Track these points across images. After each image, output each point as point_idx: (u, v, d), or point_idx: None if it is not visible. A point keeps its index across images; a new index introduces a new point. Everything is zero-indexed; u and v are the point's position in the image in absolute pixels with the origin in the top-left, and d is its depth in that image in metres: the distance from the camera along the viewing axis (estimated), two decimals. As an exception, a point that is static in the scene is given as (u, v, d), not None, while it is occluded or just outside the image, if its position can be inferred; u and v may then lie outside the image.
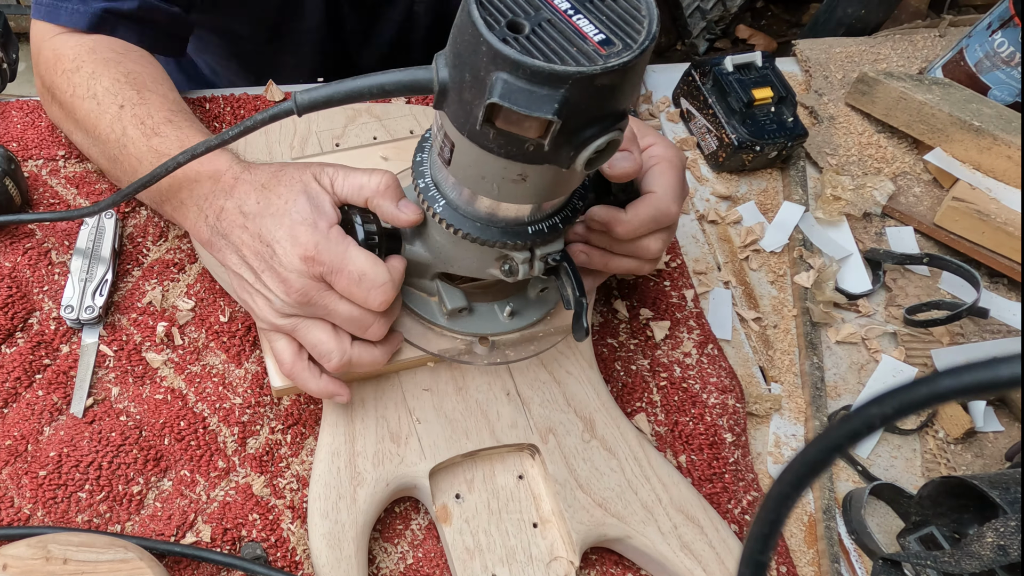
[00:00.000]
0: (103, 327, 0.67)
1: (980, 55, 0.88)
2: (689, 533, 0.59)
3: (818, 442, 0.22)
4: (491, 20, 0.41)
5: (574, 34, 0.41)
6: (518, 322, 0.62)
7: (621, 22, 0.42)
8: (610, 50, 0.41)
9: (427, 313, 0.61)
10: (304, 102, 0.48)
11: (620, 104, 0.43)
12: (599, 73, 0.40)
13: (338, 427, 0.60)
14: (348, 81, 0.47)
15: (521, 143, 0.43)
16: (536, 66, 0.40)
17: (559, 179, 0.48)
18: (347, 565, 0.55)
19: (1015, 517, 0.54)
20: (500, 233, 0.52)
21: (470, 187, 0.50)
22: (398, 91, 0.47)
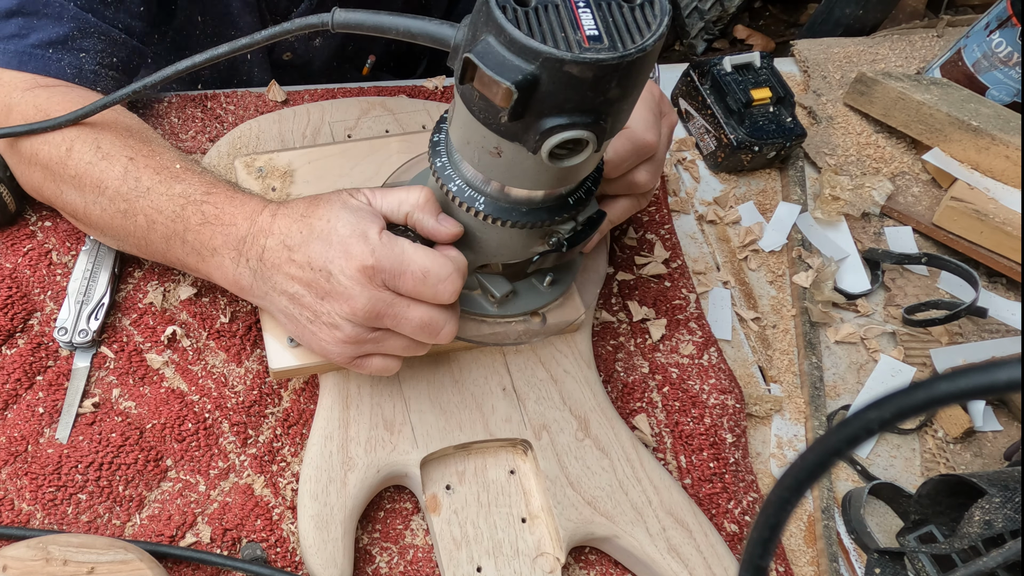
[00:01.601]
0: (97, 348, 0.67)
1: (978, 55, 0.88)
2: (677, 536, 0.60)
3: (817, 447, 0.22)
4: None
5: (570, 22, 0.42)
6: (559, 288, 0.63)
7: (623, 27, 0.43)
8: (594, 46, 0.42)
9: (475, 307, 0.62)
10: (340, 20, 0.50)
11: (593, 103, 0.44)
12: (568, 60, 0.41)
13: (333, 412, 0.61)
14: (383, 15, 0.49)
15: (496, 111, 0.44)
16: (514, 34, 0.41)
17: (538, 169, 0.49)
18: (333, 548, 0.56)
19: (998, 495, 0.56)
20: (546, 212, 0.53)
21: (458, 151, 0.52)
22: (421, 38, 0.48)
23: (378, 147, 0.72)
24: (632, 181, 0.62)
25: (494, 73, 0.42)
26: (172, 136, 0.78)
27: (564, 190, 0.53)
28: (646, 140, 0.60)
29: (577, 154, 0.46)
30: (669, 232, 0.79)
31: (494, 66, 0.42)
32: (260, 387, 0.65)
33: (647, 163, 0.62)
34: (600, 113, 0.44)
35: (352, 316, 0.52)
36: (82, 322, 0.65)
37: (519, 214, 0.53)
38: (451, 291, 0.52)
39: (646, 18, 0.43)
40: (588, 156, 0.47)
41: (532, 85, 0.42)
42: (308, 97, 0.82)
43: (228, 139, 0.73)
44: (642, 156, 0.61)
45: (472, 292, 0.62)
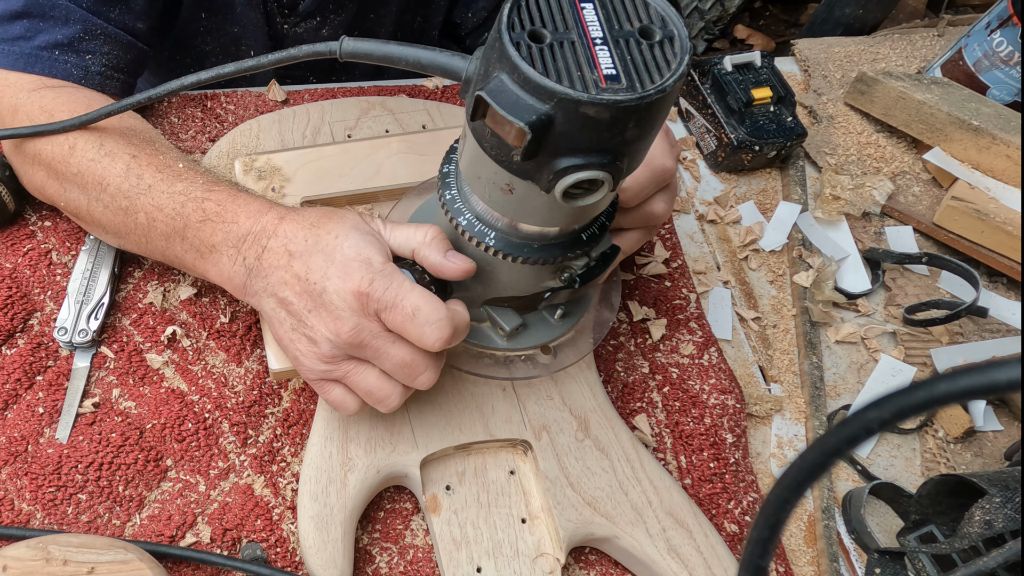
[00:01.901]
0: (97, 348, 0.67)
1: (979, 54, 0.88)
2: (677, 537, 0.60)
3: (816, 446, 0.22)
4: (517, 23, 0.42)
5: (587, 61, 0.41)
6: (570, 321, 0.63)
7: (642, 67, 0.42)
8: (612, 86, 0.40)
9: (484, 341, 0.61)
10: (348, 50, 0.49)
11: (610, 144, 0.42)
12: (584, 101, 0.39)
13: (333, 413, 0.61)
14: (393, 44, 0.49)
15: (508, 149, 0.43)
16: (528, 73, 0.40)
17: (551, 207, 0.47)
18: (333, 548, 0.56)
19: (998, 495, 0.56)
20: (559, 249, 0.52)
21: (468, 185, 0.50)
22: (432, 70, 0.47)
23: (378, 147, 0.72)
24: (649, 212, 0.61)
25: (507, 113, 0.40)
26: (172, 136, 0.78)
27: (578, 226, 0.52)
28: (665, 167, 0.58)
29: (592, 193, 0.45)
30: (669, 232, 0.79)
31: (507, 105, 0.41)
32: (260, 387, 0.65)
33: (664, 192, 0.61)
34: (617, 153, 0.43)
35: (334, 337, 0.52)
36: (82, 322, 0.65)
37: (530, 250, 0.52)
38: (436, 336, 0.50)
39: (665, 56, 0.42)
40: (604, 195, 0.45)
41: (546, 125, 0.41)
42: (308, 97, 0.82)
43: (228, 139, 0.73)
44: (660, 184, 0.59)
45: (481, 325, 0.61)
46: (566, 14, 0.43)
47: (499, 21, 0.42)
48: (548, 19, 0.42)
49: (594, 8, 0.43)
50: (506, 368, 0.61)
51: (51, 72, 0.66)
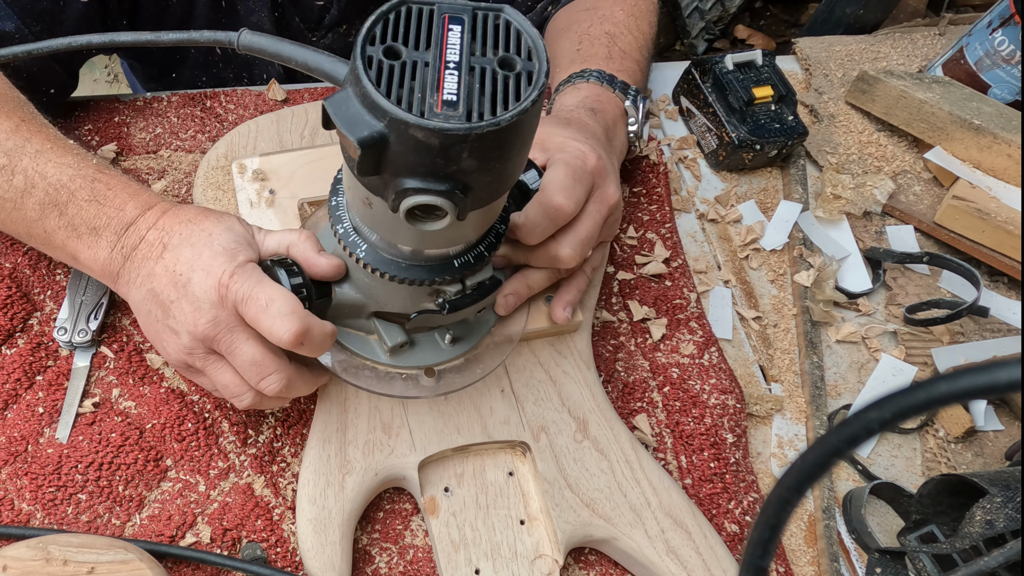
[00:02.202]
0: (97, 348, 0.67)
1: (980, 53, 0.88)
2: (677, 538, 0.59)
3: (817, 447, 0.22)
4: (378, 36, 0.41)
5: (432, 84, 0.40)
6: (460, 347, 0.61)
7: (487, 97, 0.41)
8: (446, 112, 0.39)
9: (368, 352, 0.60)
10: (245, 43, 0.49)
11: (445, 171, 0.41)
12: (412, 124, 0.39)
13: (331, 415, 0.61)
14: (287, 44, 0.48)
15: (352, 162, 0.42)
16: (367, 89, 0.39)
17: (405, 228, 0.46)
18: (331, 551, 0.56)
19: (999, 494, 0.56)
20: (426, 271, 0.51)
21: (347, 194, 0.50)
22: (316, 72, 0.47)
23: None
24: (553, 255, 0.60)
25: (342, 126, 0.40)
26: (172, 135, 0.78)
27: (452, 251, 0.51)
28: (555, 203, 0.58)
29: (438, 220, 0.44)
30: (670, 231, 0.79)
31: (345, 118, 0.40)
32: (260, 387, 0.65)
33: (567, 236, 0.60)
34: (456, 182, 0.42)
35: (192, 328, 0.52)
36: (82, 322, 0.65)
37: (398, 268, 0.51)
38: (286, 328, 0.50)
39: (518, 90, 0.41)
40: (450, 223, 0.44)
41: (379, 144, 0.40)
42: (308, 96, 0.82)
43: (226, 140, 0.73)
44: (556, 223, 0.59)
45: (369, 336, 0.60)
46: (433, 34, 0.42)
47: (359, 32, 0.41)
48: (412, 37, 0.42)
49: (460, 32, 0.42)
50: (384, 384, 0.60)
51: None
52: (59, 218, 0.57)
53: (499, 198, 0.47)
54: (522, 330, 0.64)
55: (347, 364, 0.60)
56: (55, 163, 0.58)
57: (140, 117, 0.78)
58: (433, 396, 0.61)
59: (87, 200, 0.56)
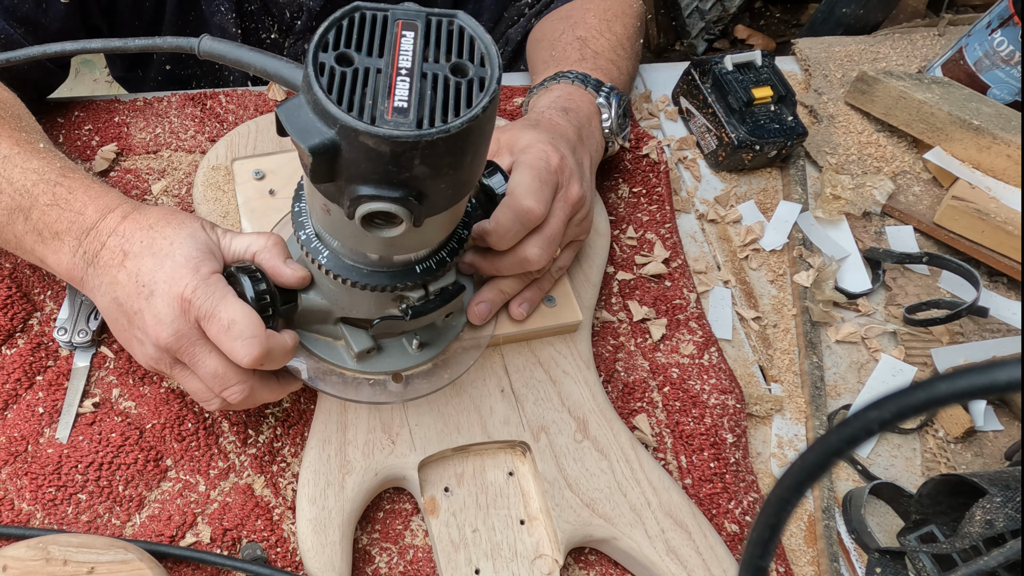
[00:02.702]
0: (97, 348, 0.67)
1: (980, 54, 0.88)
2: (676, 538, 0.59)
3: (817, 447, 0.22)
4: (331, 42, 0.41)
5: (384, 91, 0.40)
6: (428, 352, 0.61)
7: (439, 104, 0.40)
8: (396, 119, 0.39)
9: (335, 358, 0.60)
10: (205, 49, 0.48)
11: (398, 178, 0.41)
12: (362, 131, 0.39)
13: (331, 415, 0.61)
14: (246, 49, 0.48)
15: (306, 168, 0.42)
16: (319, 96, 0.39)
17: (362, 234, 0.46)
18: (331, 551, 0.56)
19: (999, 494, 0.56)
20: (388, 277, 0.51)
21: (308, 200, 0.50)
22: (275, 78, 0.47)
23: None
24: (522, 257, 0.60)
25: (294, 134, 0.40)
26: (172, 135, 0.78)
27: (412, 257, 0.51)
28: (525, 206, 0.58)
29: (394, 227, 0.44)
30: (669, 231, 0.79)
31: (297, 126, 0.40)
32: (260, 387, 0.65)
33: (535, 236, 0.60)
34: (409, 188, 0.42)
35: (156, 340, 0.52)
36: (82, 322, 0.65)
37: (359, 274, 0.51)
38: (246, 352, 0.50)
39: (470, 97, 0.41)
40: (406, 230, 0.44)
41: (331, 151, 0.40)
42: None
43: (226, 140, 0.73)
44: (527, 226, 0.59)
45: (337, 342, 0.60)
46: (386, 41, 0.42)
47: (311, 39, 0.41)
48: (365, 43, 0.42)
49: (413, 38, 0.42)
50: (352, 389, 0.60)
51: None
52: (24, 223, 0.57)
53: (456, 204, 0.47)
54: (491, 335, 0.64)
55: (315, 370, 0.60)
56: (20, 168, 0.58)
57: (140, 117, 0.78)
58: (400, 401, 0.61)
59: (48, 204, 0.56)
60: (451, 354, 0.63)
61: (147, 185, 0.74)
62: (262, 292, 0.53)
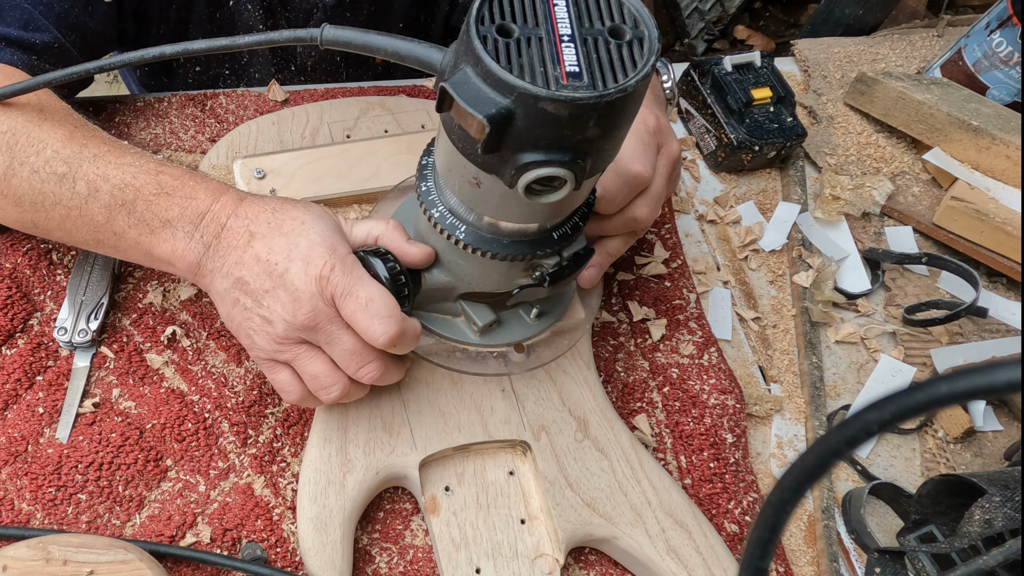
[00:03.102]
0: (97, 348, 0.67)
1: (979, 55, 0.88)
2: (677, 537, 0.60)
3: (816, 448, 0.22)
4: (487, 16, 0.42)
5: (551, 57, 0.41)
6: (546, 320, 0.63)
7: (607, 66, 0.42)
8: (573, 83, 0.40)
9: (457, 334, 0.61)
10: (329, 37, 0.49)
11: (571, 141, 0.42)
12: (543, 96, 0.39)
13: (331, 414, 0.61)
14: (373, 34, 0.48)
15: (472, 142, 0.43)
16: (491, 67, 0.40)
17: (517, 203, 0.47)
18: (332, 550, 0.56)
19: (998, 494, 0.57)
20: (528, 246, 0.52)
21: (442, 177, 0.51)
22: (409, 60, 0.47)
23: (377, 147, 0.72)
24: (630, 217, 0.61)
25: (468, 105, 0.41)
26: (172, 135, 0.78)
27: (549, 224, 0.52)
28: (634, 171, 0.59)
29: (556, 191, 0.45)
30: (669, 232, 0.79)
31: (469, 97, 0.41)
32: (260, 387, 0.65)
33: (643, 197, 0.61)
34: (578, 152, 0.43)
35: (291, 317, 0.52)
36: (82, 322, 0.65)
37: (500, 245, 0.52)
38: (383, 331, 0.50)
39: (633, 56, 0.42)
40: (567, 194, 0.45)
41: (506, 119, 0.41)
42: (308, 97, 0.82)
43: (227, 140, 0.73)
44: (635, 189, 0.60)
45: (456, 319, 0.61)
46: (538, 10, 0.43)
47: (469, 14, 0.42)
48: (519, 14, 0.43)
49: (566, 5, 0.43)
50: (478, 364, 0.61)
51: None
52: (128, 216, 0.56)
53: (609, 164, 0.48)
54: (600, 299, 0.66)
55: (437, 348, 0.61)
56: (115, 164, 0.57)
57: (140, 117, 0.78)
58: (524, 371, 0.62)
59: (155, 194, 0.56)
60: (566, 320, 0.64)
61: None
62: (396, 273, 0.54)
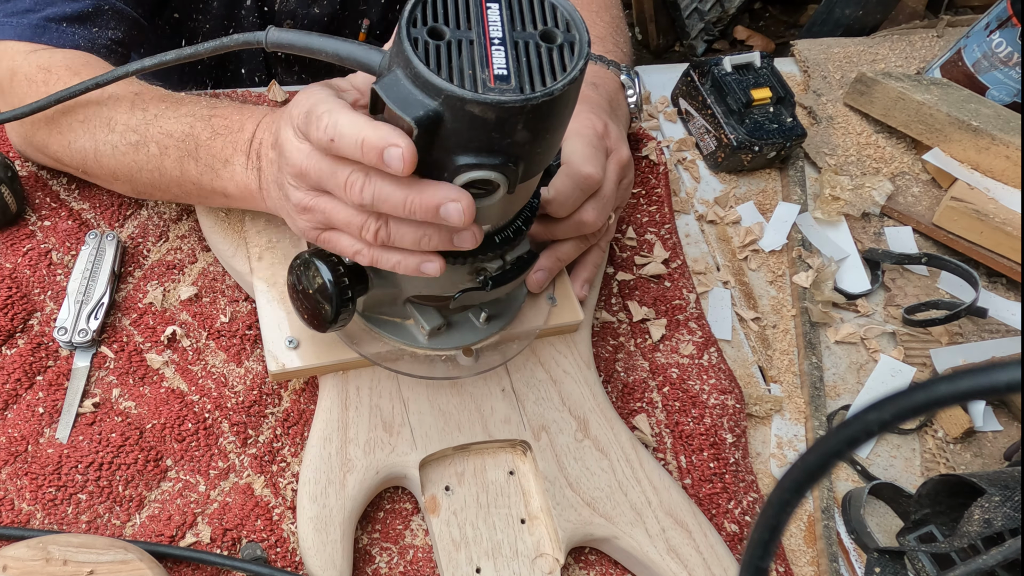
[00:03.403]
0: (97, 348, 0.67)
1: (978, 55, 0.88)
2: (677, 537, 0.60)
3: (817, 448, 0.22)
4: (420, 18, 0.42)
5: (481, 60, 0.41)
6: (496, 325, 0.62)
7: (536, 69, 0.42)
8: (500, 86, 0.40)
9: (405, 338, 0.61)
10: (273, 40, 0.49)
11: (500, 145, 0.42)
12: (469, 99, 0.40)
13: (332, 414, 0.61)
14: (315, 36, 0.48)
15: None
16: (419, 69, 0.40)
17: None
18: (332, 549, 0.56)
19: (998, 493, 0.57)
20: (470, 251, 0.51)
21: None
22: (349, 62, 0.47)
23: None
24: (579, 221, 0.61)
25: (396, 107, 0.41)
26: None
27: (491, 228, 0.52)
28: (585, 173, 0.59)
29: (489, 195, 0.45)
30: (669, 232, 0.80)
31: (397, 100, 0.41)
32: (260, 387, 0.65)
33: (592, 200, 0.61)
34: (509, 155, 0.43)
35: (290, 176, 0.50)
36: (82, 322, 0.65)
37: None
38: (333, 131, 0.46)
39: (563, 60, 0.42)
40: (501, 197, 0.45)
41: (434, 122, 0.41)
42: (308, 97, 0.82)
43: (228, 139, 0.73)
44: (586, 192, 0.60)
45: (405, 322, 0.61)
46: (471, 13, 0.43)
47: (401, 16, 0.42)
48: (452, 17, 0.43)
49: (499, 9, 0.44)
50: (426, 367, 0.61)
51: (58, 42, 0.66)
52: (196, 164, 0.59)
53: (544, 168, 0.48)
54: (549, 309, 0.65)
55: (386, 351, 0.61)
56: (174, 118, 0.60)
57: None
58: (472, 375, 0.62)
59: (209, 138, 0.58)
60: (515, 326, 0.64)
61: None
62: (340, 275, 0.53)
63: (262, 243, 0.66)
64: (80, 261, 0.67)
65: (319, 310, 0.54)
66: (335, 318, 0.54)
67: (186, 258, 0.71)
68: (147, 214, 0.73)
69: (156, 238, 0.72)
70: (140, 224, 0.72)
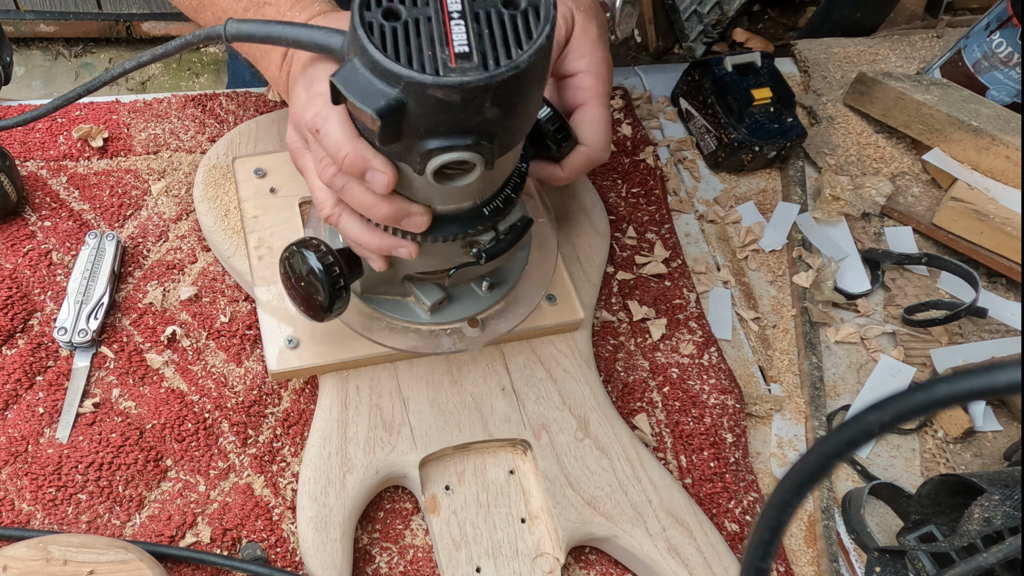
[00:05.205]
0: (97, 348, 0.67)
1: (978, 55, 0.88)
2: (678, 536, 0.60)
3: (817, 449, 0.22)
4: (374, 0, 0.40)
5: (439, 38, 0.39)
6: (499, 292, 0.61)
7: (499, 41, 0.39)
8: (462, 65, 0.38)
9: (408, 315, 0.60)
10: (232, 32, 0.48)
11: (470, 124, 0.40)
12: (430, 84, 0.37)
13: (331, 413, 0.61)
14: (275, 24, 0.47)
15: (373, 134, 0.41)
16: (375, 57, 0.38)
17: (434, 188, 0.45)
18: (332, 549, 0.56)
19: (997, 492, 0.57)
20: (458, 225, 0.50)
21: None
22: (309, 47, 0.46)
23: None
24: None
25: (357, 100, 0.39)
26: (172, 135, 0.78)
27: (479, 200, 0.50)
28: (603, 158, 0.58)
29: (467, 174, 0.43)
30: (669, 232, 0.80)
31: (357, 92, 0.39)
32: (260, 387, 0.65)
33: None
34: (482, 133, 0.41)
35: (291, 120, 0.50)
36: (82, 322, 0.65)
37: (429, 227, 0.50)
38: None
39: (528, 27, 0.39)
40: (480, 175, 0.43)
41: (398, 111, 0.39)
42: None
43: (227, 139, 0.73)
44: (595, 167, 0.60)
45: (406, 299, 0.60)
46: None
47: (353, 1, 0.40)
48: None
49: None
50: (432, 342, 0.60)
51: None
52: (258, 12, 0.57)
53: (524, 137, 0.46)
54: (555, 262, 0.63)
55: (389, 330, 0.59)
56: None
57: (140, 118, 0.78)
58: (481, 346, 0.61)
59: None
60: (520, 289, 0.62)
61: (147, 185, 0.74)
62: (330, 264, 0.52)
63: (262, 243, 0.66)
64: (80, 261, 0.67)
65: (313, 299, 0.53)
66: (330, 305, 0.53)
67: (186, 258, 0.71)
68: (147, 214, 0.73)
69: (156, 238, 0.72)
70: (140, 224, 0.72)
